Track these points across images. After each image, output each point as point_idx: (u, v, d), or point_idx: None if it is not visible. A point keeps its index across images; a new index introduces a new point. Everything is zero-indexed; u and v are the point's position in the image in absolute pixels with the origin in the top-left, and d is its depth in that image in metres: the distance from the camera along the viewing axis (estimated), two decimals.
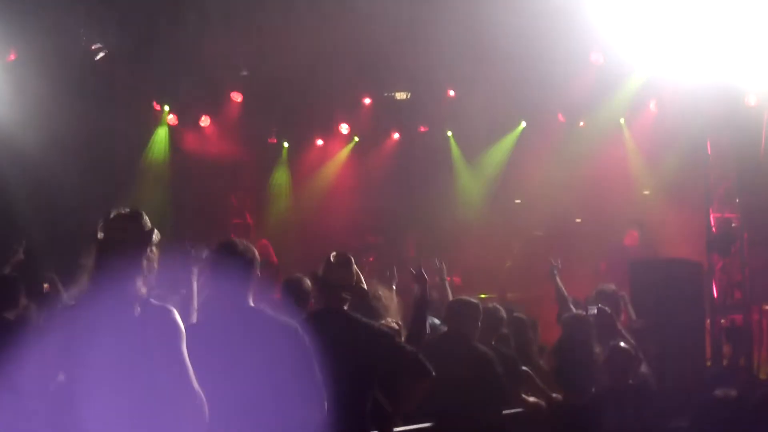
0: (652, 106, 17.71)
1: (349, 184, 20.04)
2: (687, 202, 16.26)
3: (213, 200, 18.53)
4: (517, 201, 19.41)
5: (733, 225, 14.90)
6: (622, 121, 18.62)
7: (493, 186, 19.72)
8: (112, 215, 4.78)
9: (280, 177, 20.42)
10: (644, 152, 18.00)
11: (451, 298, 11.17)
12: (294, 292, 7.38)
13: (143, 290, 4.65)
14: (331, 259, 6.75)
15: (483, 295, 16.19)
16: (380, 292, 8.17)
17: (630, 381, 8.31)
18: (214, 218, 18.07)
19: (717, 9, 13.25)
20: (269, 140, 20.10)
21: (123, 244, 4.67)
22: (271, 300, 7.11)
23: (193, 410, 4.57)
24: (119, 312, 4.55)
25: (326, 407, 5.38)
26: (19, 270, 9.22)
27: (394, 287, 9.26)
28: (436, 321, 9.15)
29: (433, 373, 6.68)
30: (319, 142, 20.50)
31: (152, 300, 4.66)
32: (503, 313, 9.37)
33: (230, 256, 5.51)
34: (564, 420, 8.60)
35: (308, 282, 7.42)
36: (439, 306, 9.66)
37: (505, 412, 8.24)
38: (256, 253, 5.60)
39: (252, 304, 5.50)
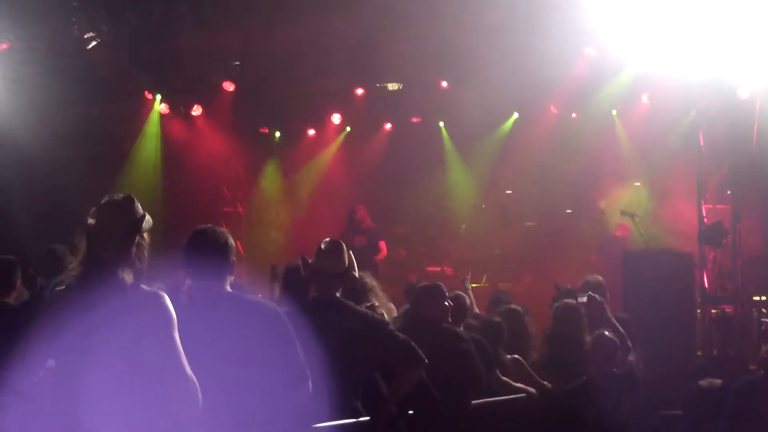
0: (644, 98, 17.75)
1: (340, 175, 20.04)
2: (679, 193, 16.31)
3: (204, 189, 18.52)
4: (509, 192, 19.45)
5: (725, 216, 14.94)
6: (614, 113, 18.66)
7: (485, 177, 19.74)
8: (103, 201, 4.77)
9: (272, 167, 20.42)
10: (636, 144, 18.02)
11: (475, 308, 11.23)
12: (296, 279, 7.34)
13: (132, 276, 4.64)
14: (322, 246, 6.76)
15: (474, 285, 16.28)
16: (372, 283, 8.19)
17: (614, 370, 8.33)
18: (205, 207, 18.05)
19: (710, 2, 13.26)
20: (261, 130, 20.12)
21: (114, 229, 4.66)
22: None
23: (186, 395, 4.56)
24: (109, 298, 4.53)
25: (311, 388, 5.39)
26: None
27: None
28: None
29: (426, 360, 6.70)
30: (311, 132, 20.50)
31: (143, 286, 4.66)
32: (468, 301, 9.38)
33: (204, 243, 5.52)
34: (547, 408, 8.63)
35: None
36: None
37: (492, 399, 8.23)
38: (230, 238, 5.59)
39: (229, 289, 5.50)
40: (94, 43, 15.07)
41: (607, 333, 8.48)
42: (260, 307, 5.56)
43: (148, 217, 4.79)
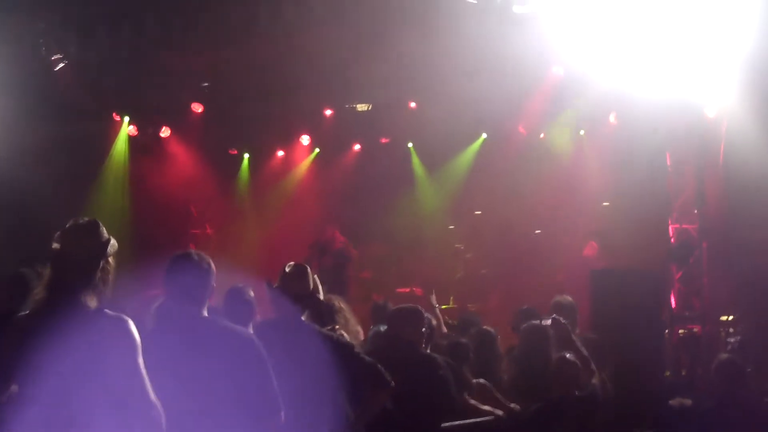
0: (611, 118, 17.80)
1: (309, 195, 20.03)
2: (647, 213, 16.36)
3: (172, 211, 18.47)
4: (478, 212, 19.48)
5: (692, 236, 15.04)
6: (582, 133, 18.73)
7: (453, 197, 19.76)
8: (68, 226, 4.75)
9: (241, 188, 20.39)
10: (604, 164, 18.08)
11: (443, 327, 11.22)
12: (237, 302, 7.33)
13: (96, 301, 4.62)
14: (287, 269, 6.77)
15: (444, 306, 16.29)
16: (341, 305, 8.16)
17: (576, 393, 8.33)
18: (173, 228, 18.00)
19: (676, 23, 13.34)
20: (230, 151, 20.10)
21: (78, 255, 4.65)
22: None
23: (149, 421, 4.55)
24: (72, 323, 4.51)
25: (283, 418, 5.37)
26: None
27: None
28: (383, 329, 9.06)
29: (392, 383, 6.68)
30: (280, 153, 20.50)
31: (107, 311, 4.63)
32: (434, 322, 9.38)
33: (186, 267, 5.51)
34: (513, 430, 8.62)
35: (251, 292, 7.38)
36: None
37: (458, 423, 8.22)
38: (212, 264, 5.59)
39: (206, 314, 5.49)
40: (61, 64, 15.02)
41: (568, 356, 8.47)
42: (236, 335, 5.52)
43: (113, 241, 4.78)
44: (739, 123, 14.31)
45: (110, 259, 4.76)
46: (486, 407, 8.76)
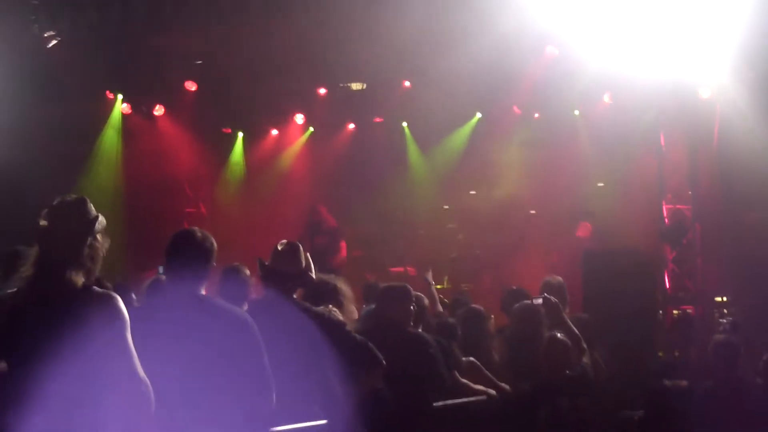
0: (606, 98, 17.76)
1: (303, 174, 19.99)
2: (640, 193, 16.35)
3: (166, 189, 18.41)
4: (472, 192, 19.45)
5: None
6: (576, 113, 18.69)
7: (447, 177, 19.74)
8: (55, 203, 4.73)
9: (235, 167, 20.34)
10: (598, 144, 18.04)
11: (438, 306, 11.23)
12: (232, 281, 7.34)
13: (84, 278, 4.61)
14: (279, 247, 6.77)
15: (438, 286, 16.29)
16: (338, 284, 8.15)
17: (567, 371, 8.33)
18: (167, 208, 17.96)
19: (671, 3, 13.30)
20: (223, 130, 20.04)
21: (65, 232, 4.63)
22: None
23: (138, 397, 4.55)
24: (60, 300, 4.50)
25: (275, 398, 5.37)
26: None
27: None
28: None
29: (383, 362, 6.68)
30: (274, 132, 20.45)
31: (94, 287, 4.62)
32: (426, 301, 9.38)
33: (186, 245, 5.50)
34: (503, 409, 8.63)
35: (246, 271, 7.40)
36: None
37: (448, 402, 8.21)
38: (214, 243, 5.59)
39: (203, 292, 5.48)
40: (54, 42, 14.95)
41: (559, 335, 8.47)
42: (231, 314, 5.54)
43: (101, 218, 4.76)
44: (733, 104, 14.29)
45: (98, 236, 4.75)
46: (478, 386, 8.76)
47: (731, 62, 13.83)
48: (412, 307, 8.11)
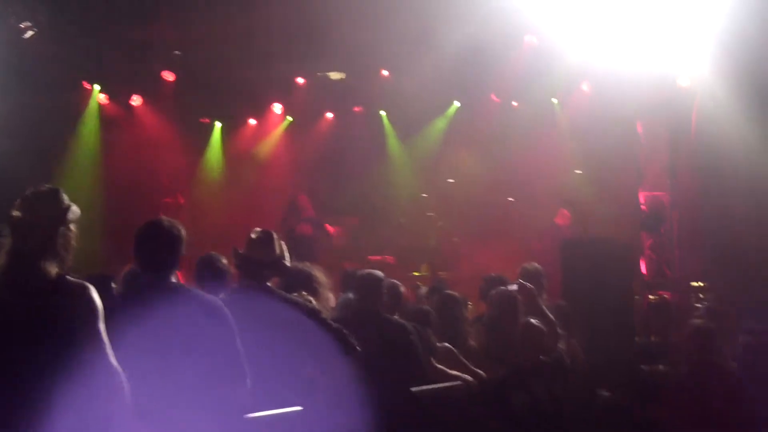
0: (584, 87, 17.80)
1: (282, 164, 19.98)
2: (618, 181, 16.41)
3: (144, 180, 18.35)
4: (451, 180, 19.47)
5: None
6: (555, 101, 18.73)
7: (426, 165, 19.76)
8: (28, 193, 4.73)
9: (213, 157, 20.30)
10: (577, 132, 18.08)
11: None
12: (209, 270, 7.34)
13: (57, 268, 4.61)
14: (252, 235, 6.78)
15: (416, 273, 16.33)
16: (314, 272, 8.16)
17: (541, 357, 8.36)
18: (145, 198, 17.90)
19: None
20: (201, 120, 20.00)
21: (37, 221, 4.63)
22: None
23: (112, 388, 4.55)
24: (33, 290, 4.50)
25: (249, 384, 5.38)
26: None
27: None
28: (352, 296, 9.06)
29: (358, 349, 6.71)
30: (252, 122, 20.42)
31: (68, 277, 4.62)
32: (402, 289, 9.41)
33: (156, 234, 5.50)
34: (480, 396, 8.65)
35: (223, 260, 7.42)
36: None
37: (423, 388, 8.24)
38: (183, 231, 5.59)
39: (174, 280, 5.49)
40: (31, 32, 14.87)
41: (534, 321, 8.49)
42: (203, 301, 5.55)
43: (74, 207, 4.76)
44: (711, 92, 14.33)
45: (71, 226, 4.74)
46: (454, 372, 8.78)
47: (710, 51, 13.87)
48: (385, 292, 8.19)
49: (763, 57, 13.65)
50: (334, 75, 18.89)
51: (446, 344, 9.10)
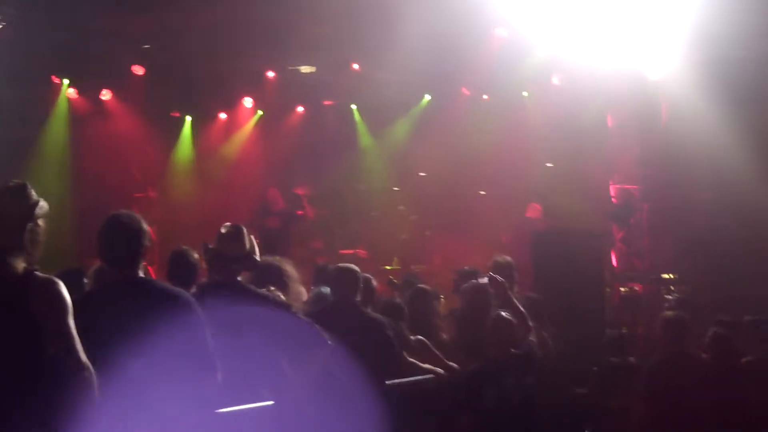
0: (555, 80, 17.82)
1: (253, 158, 19.93)
2: (589, 174, 16.47)
3: (115, 174, 18.25)
4: (422, 174, 19.48)
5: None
6: (525, 94, 18.75)
7: (397, 159, 19.77)
8: None
9: (183, 151, 20.25)
10: (547, 125, 18.12)
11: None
12: (180, 265, 7.32)
13: (25, 263, 4.59)
14: (222, 230, 6.78)
15: (388, 267, 16.34)
16: (284, 267, 8.15)
17: (512, 350, 8.38)
18: (116, 193, 17.81)
19: None
20: (172, 114, 19.92)
21: (5, 217, 4.62)
22: None
23: (81, 383, 4.53)
24: (1, 286, 4.49)
25: (219, 378, 5.37)
26: None
27: None
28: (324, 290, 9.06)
29: (330, 342, 6.72)
30: (223, 116, 20.37)
31: (36, 273, 4.60)
32: (375, 283, 9.44)
33: (117, 229, 5.48)
34: (451, 388, 8.67)
35: (195, 255, 7.39)
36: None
37: (396, 381, 8.25)
38: (144, 224, 5.57)
39: (141, 274, 5.47)
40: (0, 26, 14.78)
41: (504, 313, 8.50)
42: (170, 295, 5.52)
43: (42, 203, 4.75)
44: (681, 86, 14.41)
45: (39, 221, 4.73)
46: (426, 366, 8.80)
47: (680, 45, 13.94)
48: (360, 286, 8.21)
49: (731, 51, 13.75)
50: (305, 69, 18.83)
51: (420, 337, 9.12)
